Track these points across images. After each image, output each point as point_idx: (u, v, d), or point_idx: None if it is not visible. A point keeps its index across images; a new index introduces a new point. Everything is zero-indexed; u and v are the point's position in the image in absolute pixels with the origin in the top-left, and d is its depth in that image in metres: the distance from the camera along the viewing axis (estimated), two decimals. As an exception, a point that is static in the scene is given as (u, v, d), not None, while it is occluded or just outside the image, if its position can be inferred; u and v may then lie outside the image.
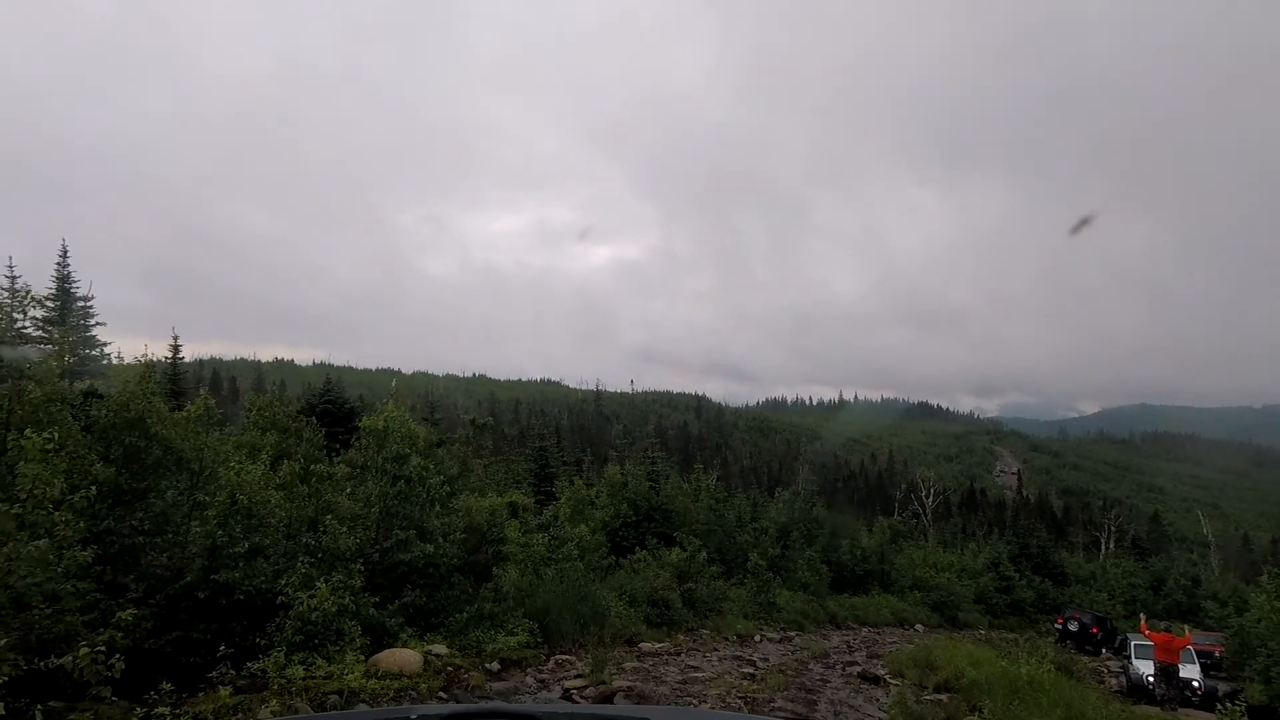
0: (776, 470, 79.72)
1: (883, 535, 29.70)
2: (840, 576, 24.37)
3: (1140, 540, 52.34)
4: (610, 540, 18.48)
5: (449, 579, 8.71)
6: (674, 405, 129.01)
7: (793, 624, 17.56)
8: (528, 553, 11.43)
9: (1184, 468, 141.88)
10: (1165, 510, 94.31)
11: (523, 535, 12.29)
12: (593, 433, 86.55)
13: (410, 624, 8.10)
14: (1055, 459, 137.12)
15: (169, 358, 17.69)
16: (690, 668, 9.08)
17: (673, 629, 12.84)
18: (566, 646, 9.34)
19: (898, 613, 24.23)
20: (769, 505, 28.23)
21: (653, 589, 12.94)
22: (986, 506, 79.31)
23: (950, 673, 8.46)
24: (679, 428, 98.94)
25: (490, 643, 8.13)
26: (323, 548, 6.99)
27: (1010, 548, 34.59)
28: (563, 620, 9.56)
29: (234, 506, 6.36)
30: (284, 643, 6.11)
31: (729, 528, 21.45)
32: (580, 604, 10.12)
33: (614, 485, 20.48)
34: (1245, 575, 56.39)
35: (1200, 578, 43.64)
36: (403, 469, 8.09)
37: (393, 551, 7.91)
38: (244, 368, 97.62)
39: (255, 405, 11.58)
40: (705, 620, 14.20)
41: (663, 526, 18.86)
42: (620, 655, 9.50)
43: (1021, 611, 31.14)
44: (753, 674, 8.94)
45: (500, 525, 9.66)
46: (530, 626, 8.91)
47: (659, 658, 9.82)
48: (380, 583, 8.03)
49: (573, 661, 8.36)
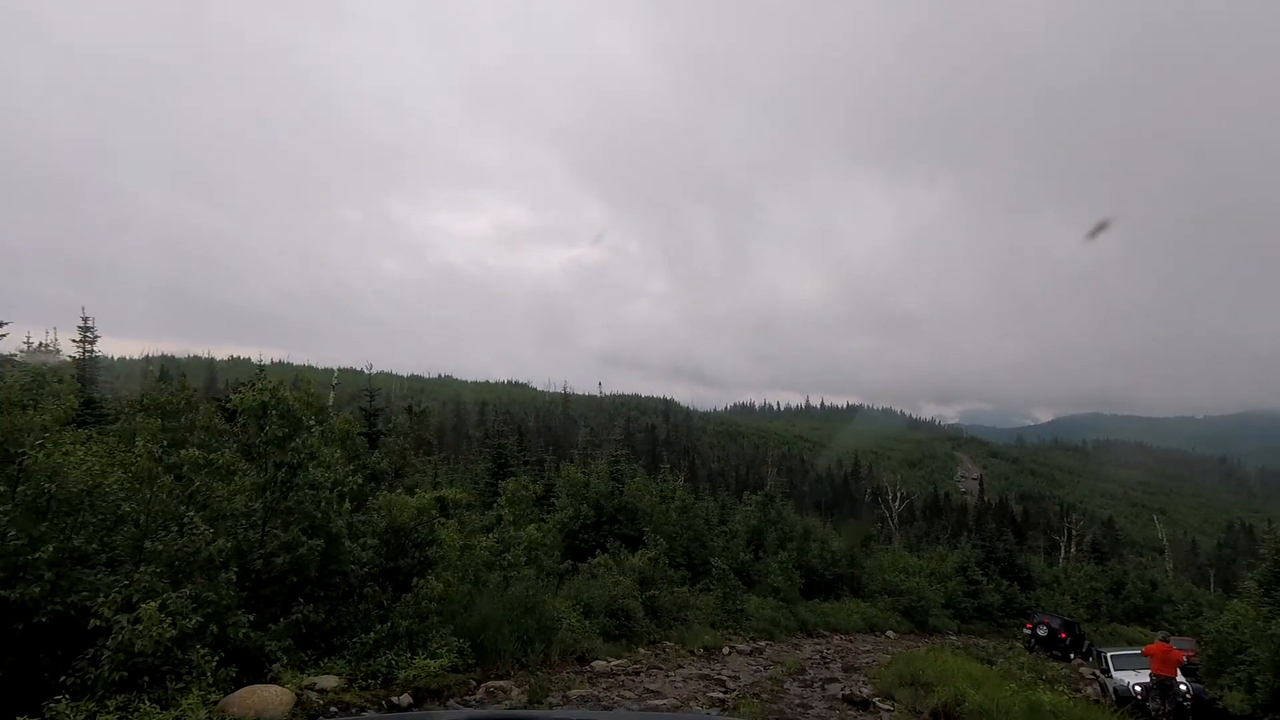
0: (744, 474, 79.11)
1: (853, 539, 28.89)
2: (810, 581, 23.43)
3: (1099, 544, 52.99)
4: (569, 543, 17.11)
5: (359, 590, 7.18)
6: (642, 409, 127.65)
7: (763, 633, 16.44)
8: (469, 558, 9.94)
9: (1134, 474, 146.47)
10: (1117, 515, 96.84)
11: (463, 538, 10.78)
12: (559, 434, 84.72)
13: (305, 646, 6.56)
14: (1014, 465, 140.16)
15: (79, 352, 15.61)
16: (649, 692, 7.72)
17: (633, 642, 11.49)
18: (504, 668, 7.89)
19: (869, 619, 23.36)
20: (738, 508, 27.15)
21: (611, 597, 11.55)
22: (949, 511, 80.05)
23: (948, 695, 7.31)
24: (647, 430, 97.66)
25: (405, 668, 6.63)
26: (175, 553, 5.41)
27: (977, 552, 34.14)
28: (502, 637, 8.10)
29: (42, 497, 4.76)
30: (101, 682, 4.53)
31: (699, 531, 20.21)
32: (525, 617, 8.67)
33: (574, 485, 19.10)
34: (1195, 578, 57.97)
35: (1157, 581, 44.22)
36: (284, 454, 6.54)
37: (278, 557, 6.35)
38: (196, 365, 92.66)
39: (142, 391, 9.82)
40: (669, 631, 12.90)
41: (627, 528, 17.54)
42: (567, 678, 8.09)
43: (989, 616, 30.67)
44: (722, 698, 7.64)
45: (430, 526, 8.14)
46: (460, 646, 7.43)
47: (614, 679, 8.44)
48: (267, 595, 6.47)
49: (507, 689, 6.93)
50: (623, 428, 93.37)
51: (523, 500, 14.88)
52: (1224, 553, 75.81)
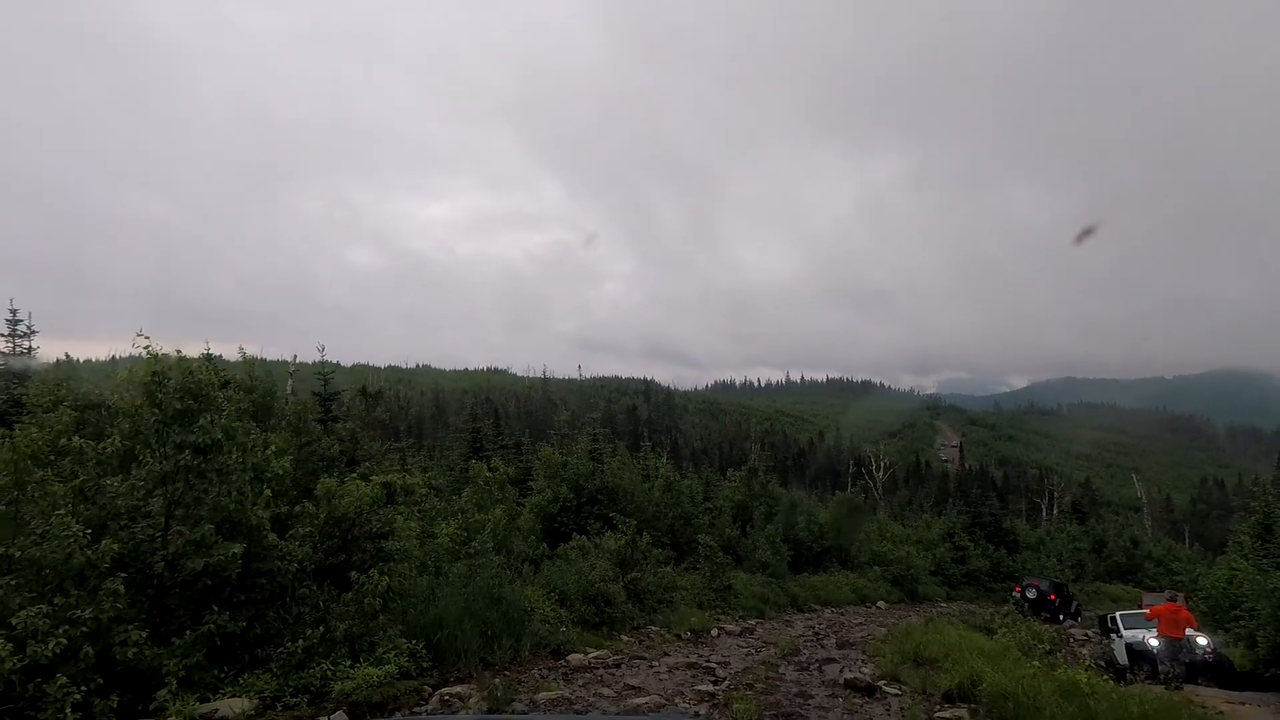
0: (727, 451, 78.85)
1: (840, 510, 28.47)
2: (799, 555, 22.94)
3: (1080, 505, 53.65)
4: (547, 526, 16.28)
5: (291, 592, 6.22)
6: (622, 390, 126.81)
7: (752, 610, 15.83)
8: (430, 548, 9.01)
9: (1107, 435, 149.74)
10: (1093, 476, 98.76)
11: (422, 525, 9.84)
12: (540, 419, 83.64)
13: (224, 661, 5.60)
14: (991, 431, 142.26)
15: (8, 348, 14.21)
16: (630, 688, 6.91)
17: (614, 629, 10.70)
18: (466, 670, 7.00)
19: (859, 590, 23.00)
20: (722, 485, 26.54)
21: (588, 582, 10.72)
22: (931, 479, 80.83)
23: (962, 675, 6.62)
24: (628, 411, 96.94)
25: (343, 679, 5.71)
26: (41, 560, 4.40)
27: (963, 518, 34.03)
28: (463, 634, 7.20)
29: None
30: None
31: (684, 508, 19.48)
32: (490, 609, 7.78)
33: (552, 466, 18.22)
34: (1171, 535, 59.20)
35: (1139, 539, 44.86)
36: (187, 434, 5.52)
37: (187, 558, 5.36)
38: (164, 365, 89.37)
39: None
40: (654, 615, 12.15)
41: (608, 509, 16.73)
42: (539, 676, 7.25)
43: (977, 581, 30.60)
44: (712, 691, 6.85)
45: (384, 516, 7.16)
46: (411, 649, 6.53)
47: (591, 674, 7.62)
48: (171, 605, 5.48)
49: (465, 695, 6.05)
50: (603, 409, 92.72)
51: (493, 482, 13.96)
52: (1198, 508, 77.70)
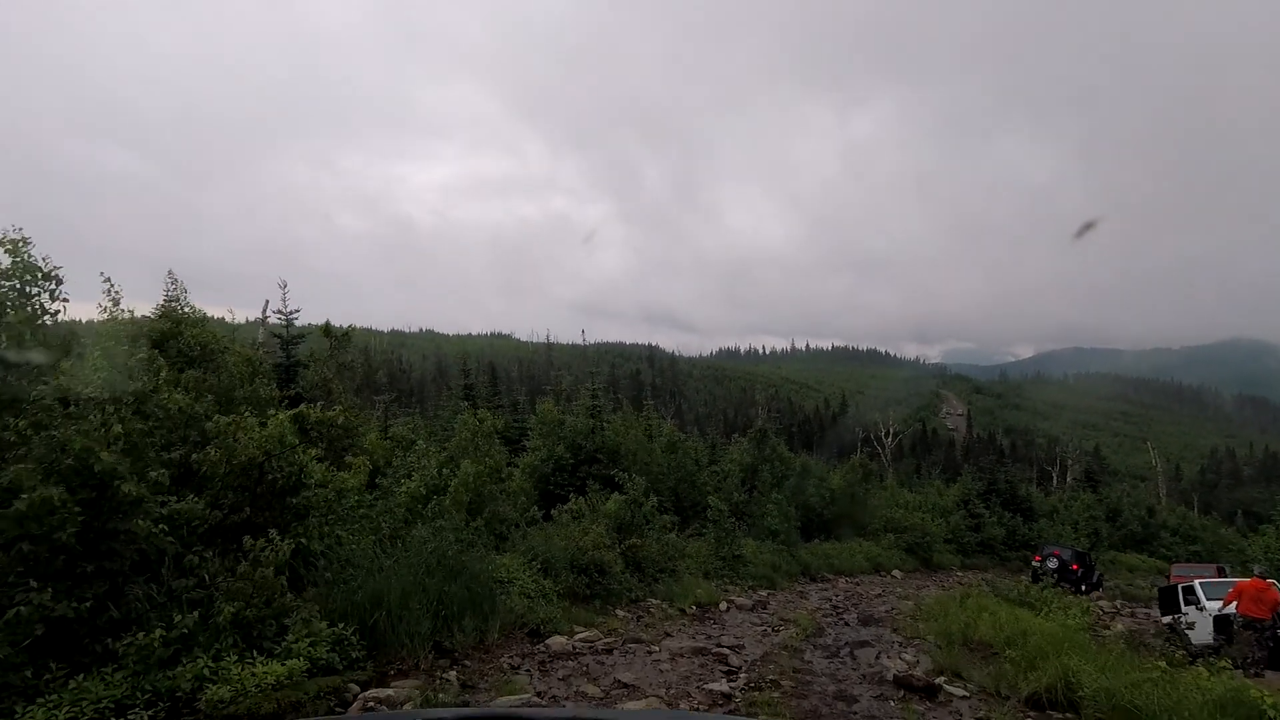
0: (733, 416, 77.70)
1: (852, 475, 27.04)
2: (809, 521, 21.56)
3: (1093, 473, 52.30)
4: (541, 487, 14.83)
5: (172, 561, 4.63)
6: (626, 356, 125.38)
7: (763, 580, 14.44)
8: (383, 507, 7.45)
9: (1114, 405, 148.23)
10: (1101, 445, 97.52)
11: (384, 481, 8.28)
12: (542, 382, 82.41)
13: (50, 655, 4.04)
14: (998, 400, 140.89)
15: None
16: (621, 685, 5.37)
17: (609, 603, 9.24)
18: (414, 659, 5.47)
19: (872, 558, 21.65)
20: (728, 449, 25.04)
21: (578, 549, 9.19)
22: (939, 447, 79.70)
23: (1051, 674, 5.07)
24: (632, 376, 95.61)
25: (226, 682, 4.16)
26: None
27: (978, 484, 32.60)
28: (409, 614, 5.64)
29: None
30: None
31: (688, 470, 17.98)
32: (449, 583, 6.23)
33: (548, 424, 16.70)
34: (1181, 504, 58.07)
35: (1154, 508, 43.53)
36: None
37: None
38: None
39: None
40: (655, 586, 10.69)
41: (607, 469, 15.24)
42: (506, 666, 5.71)
43: (992, 550, 29.32)
44: (728, 693, 5.30)
45: (288, 459, 5.53)
46: (337, 635, 4.97)
47: (575, 662, 6.09)
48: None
49: (400, 698, 4.50)
50: (607, 374, 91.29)
51: (480, 433, 12.39)
52: (1207, 478, 76.59)
